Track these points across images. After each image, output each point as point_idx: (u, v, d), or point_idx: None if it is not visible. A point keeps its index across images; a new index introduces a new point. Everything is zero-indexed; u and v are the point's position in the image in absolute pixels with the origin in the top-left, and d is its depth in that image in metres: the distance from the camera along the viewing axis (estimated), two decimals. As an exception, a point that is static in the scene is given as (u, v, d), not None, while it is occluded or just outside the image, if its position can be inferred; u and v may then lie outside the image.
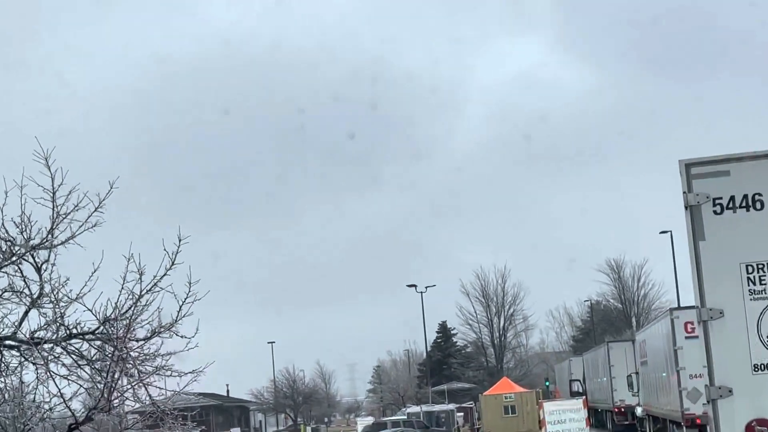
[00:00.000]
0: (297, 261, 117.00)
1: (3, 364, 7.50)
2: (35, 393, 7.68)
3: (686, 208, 8.15)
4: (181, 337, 7.71)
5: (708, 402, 8.22)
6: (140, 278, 7.41)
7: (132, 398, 7.80)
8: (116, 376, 7.64)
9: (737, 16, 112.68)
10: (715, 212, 8.08)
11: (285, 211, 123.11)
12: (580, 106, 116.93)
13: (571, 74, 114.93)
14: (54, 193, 7.16)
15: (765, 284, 7.90)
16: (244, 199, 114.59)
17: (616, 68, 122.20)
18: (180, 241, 7.43)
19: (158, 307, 7.73)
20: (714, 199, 8.08)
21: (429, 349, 65.22)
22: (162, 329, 7.55)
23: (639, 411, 28.96)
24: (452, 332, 74.23)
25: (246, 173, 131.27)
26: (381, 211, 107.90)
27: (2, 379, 7.57)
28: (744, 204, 8.04)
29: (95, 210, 7.32)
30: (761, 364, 7.76)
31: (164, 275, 7.53)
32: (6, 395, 7.65)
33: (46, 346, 7.37)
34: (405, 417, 45.46)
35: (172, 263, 7.46)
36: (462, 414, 46.92)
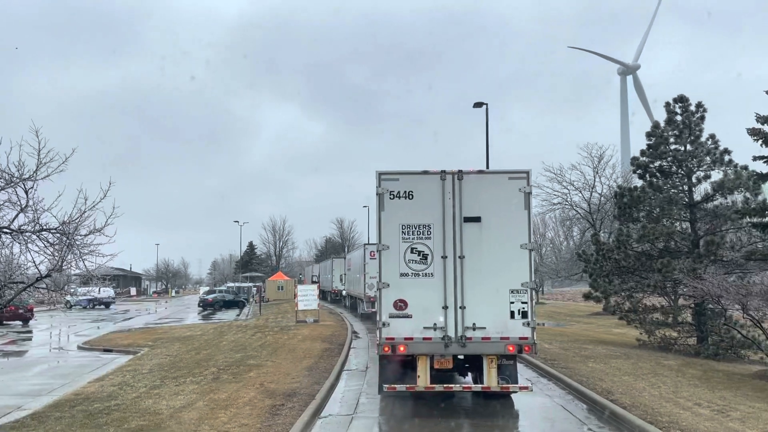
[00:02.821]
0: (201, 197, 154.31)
1: (1, 243, 10.13)
2: (19, 259, 10.49)
3: (377, 195, 11.37)
4: (106, 235, 10.55)
5: (377, 290, 11.39)
6: (85, 202, 10.15)
7: (75, 267, 10.60)
8: (66, 254, 10.29)
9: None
10: (389, 198, 11.31)
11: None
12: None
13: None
14: (39, 151, 9.67)
15: (408, 235, 11.15)
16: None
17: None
18: (110, 184, 10.37)
19: (94, 218, 10.41)
20: (390, 191, 11.28)
21: (242, 254, 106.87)
22: (96, 230, 10.40)
23: (344, 292, 47.67)
24: (255, 246, 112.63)
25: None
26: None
27: (1, 251, 10.30)
28: (403, 195, 11.31)
29: (62, 163, 9.85)
30: (402, 273, 11.16)
31: (99, 201, 10.22)
32: (3, 259, 10.47)
33: (27, 234, 10.05)
34: (225, 288, 69.18)
35: (105, 195, 10.21)
36: (256, 288, 69.94)
